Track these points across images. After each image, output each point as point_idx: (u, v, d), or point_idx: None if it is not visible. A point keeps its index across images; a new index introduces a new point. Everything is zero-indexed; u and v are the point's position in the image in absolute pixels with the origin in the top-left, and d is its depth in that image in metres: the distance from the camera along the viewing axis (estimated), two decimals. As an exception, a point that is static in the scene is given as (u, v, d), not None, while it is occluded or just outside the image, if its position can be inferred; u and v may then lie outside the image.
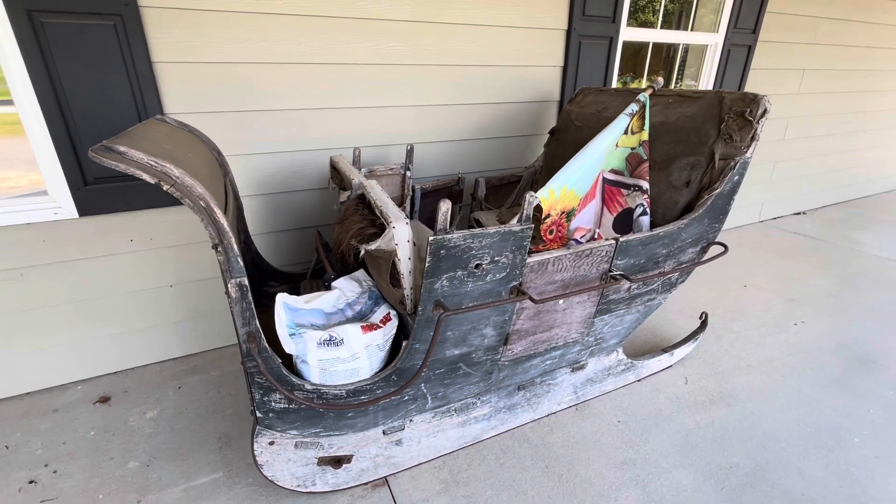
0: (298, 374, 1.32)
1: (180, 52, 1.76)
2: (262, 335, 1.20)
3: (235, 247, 1.09)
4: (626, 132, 1.89)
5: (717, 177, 1.68)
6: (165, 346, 2.19)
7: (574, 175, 1.77)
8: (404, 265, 1.27)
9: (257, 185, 2.09)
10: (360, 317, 1.43)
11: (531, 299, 1.36)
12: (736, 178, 1.67)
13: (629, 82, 3.44)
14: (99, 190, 1.79)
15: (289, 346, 1.27)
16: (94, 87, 1.66)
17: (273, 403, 1.31)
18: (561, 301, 1.55)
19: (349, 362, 1.31)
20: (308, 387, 1.29)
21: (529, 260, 1.38)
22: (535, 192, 1.42)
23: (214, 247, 1.06)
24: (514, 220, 1.36)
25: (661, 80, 2.01)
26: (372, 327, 1.35)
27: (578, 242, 1.87)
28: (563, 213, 1.86)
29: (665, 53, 3.34)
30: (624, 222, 1.92)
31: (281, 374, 1.25)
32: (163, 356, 2.20)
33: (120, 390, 2.00)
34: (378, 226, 1.49)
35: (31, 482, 1.55)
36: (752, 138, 1.61)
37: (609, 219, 1.98)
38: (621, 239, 1.54)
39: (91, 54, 1.62)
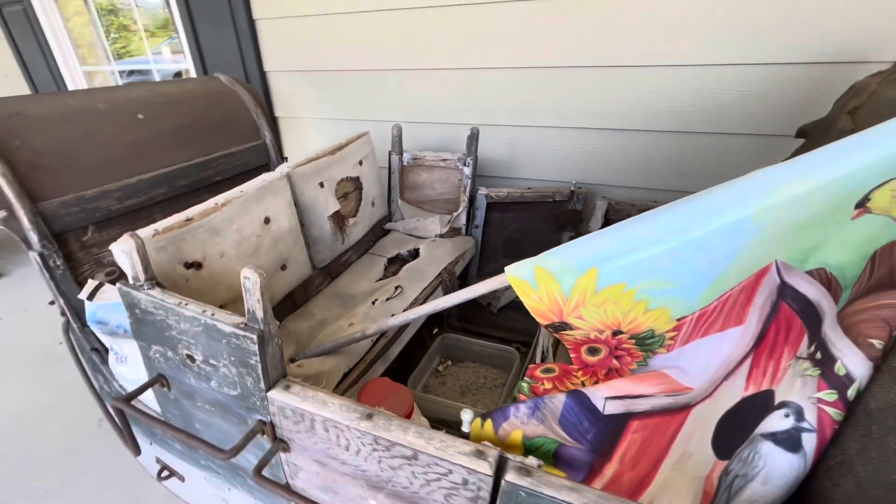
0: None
1: (278, 6, 1.72)
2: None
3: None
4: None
5: None
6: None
7: (653, 247, 0.70)
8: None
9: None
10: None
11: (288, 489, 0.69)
12: None
13: None
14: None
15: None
16: (216, 44, 1.88)
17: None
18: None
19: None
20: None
21: (275, 395, 0.68)
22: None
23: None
24: (239, 317, 0.67)
25: None
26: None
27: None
28: (617, 331, 0.85)
29: None
30: (736, 428, 0.69)
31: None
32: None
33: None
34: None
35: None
36: None
37: (724, 400, 0.74)
38: None
39: (213, 12, 1.81)
